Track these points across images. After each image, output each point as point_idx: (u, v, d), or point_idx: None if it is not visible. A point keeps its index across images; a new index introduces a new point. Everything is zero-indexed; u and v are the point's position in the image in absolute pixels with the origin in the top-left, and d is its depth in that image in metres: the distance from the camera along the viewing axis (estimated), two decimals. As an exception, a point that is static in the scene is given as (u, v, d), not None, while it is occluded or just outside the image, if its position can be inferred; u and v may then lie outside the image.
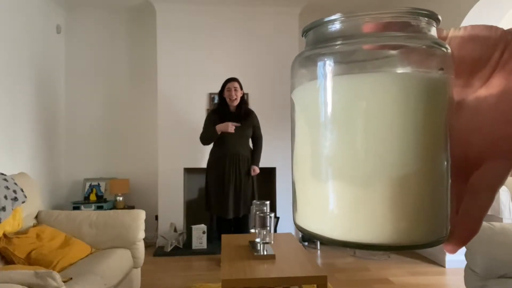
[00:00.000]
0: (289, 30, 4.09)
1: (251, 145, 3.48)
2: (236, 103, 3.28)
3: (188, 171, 4.16)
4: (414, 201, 0.20)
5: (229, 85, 3.28)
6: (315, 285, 1.84)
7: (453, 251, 0.24)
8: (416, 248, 0.21)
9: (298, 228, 0.24)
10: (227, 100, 3.28)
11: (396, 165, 0.20)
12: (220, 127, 3.20)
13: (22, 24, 3.40)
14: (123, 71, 4.37)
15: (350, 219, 0.21)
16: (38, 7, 3.69)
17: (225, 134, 3.23)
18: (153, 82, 4.21)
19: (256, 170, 3.38)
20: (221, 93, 3.34)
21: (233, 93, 3.25)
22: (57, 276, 1.48)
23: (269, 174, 4.13)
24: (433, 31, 0.22)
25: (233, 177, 3.29)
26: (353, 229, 0.21)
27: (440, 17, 0.22)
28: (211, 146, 3.44)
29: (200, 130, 3.44)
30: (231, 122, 3.18)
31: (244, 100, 3.37)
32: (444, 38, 0.25)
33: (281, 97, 3.99)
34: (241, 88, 3.32)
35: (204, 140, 3.33)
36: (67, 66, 4.28)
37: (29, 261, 2.07)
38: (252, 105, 3.96)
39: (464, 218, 0.24)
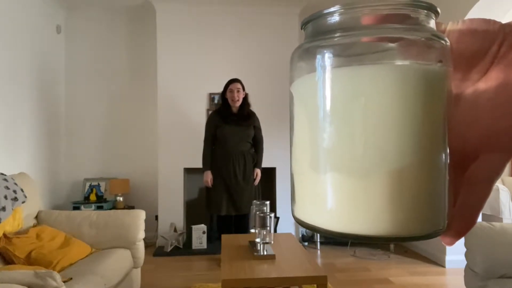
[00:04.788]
0: (289, 30, 4.09)
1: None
2: (238, 104, 3.28)
3: (188, 171, 4.16)
4: (412, 193, 0.20)
5: (231, 86, 3.27)
6: (315, 285, 1.83)
7: (451, 243, 0.24)
8: (413, 239, 0.21)
9: (297, 220, 0.24)
10: (229, 101, 3.28)
11: (395, 157, 0.20)
12: (205, 178, 3.34)
13: (22, 24, 3.40)
14: (123, 71, 4.37)
15: (348, 211, 0.21)
16: (38, 7, 3.69)
17: (227, 135, 3.27)
18: (153, 82, 4.21)
19: (258, 174, 3.41)
20: (223, 94, 3.33)
21: (236, 94, 3.24)
22: (57, 276, 1.48)
23: (269, 174, 4.13)
24: (432, 24, 0.22)
25: (236, 175, 3.30)
26: (351, 221, 0.21)
27: (439, 10, 0.22)
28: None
29: (201, 130, 3.44)
30: (210, 178, 3.32)
31: (246, 101, 3.36)
32: (443, 32, 0.25)
33: (281, 97, 3.99)
34: (244, 89, 3.32)
35: (203, 155, 3.39)
36: (67, 66, 4.29)
37: (29, 261, 2.07)
38: (252, 105, 3.96)
39: (461, 210, 0.24)
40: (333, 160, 0.21)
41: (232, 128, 3.27)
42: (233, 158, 3.30)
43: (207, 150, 3.35)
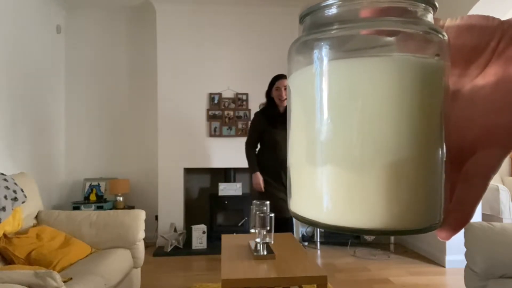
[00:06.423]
0: (289, 30, 4.09)
1: None
2: (285, 103, 2.86)
3: (188, 171, 4.16)
4: (408, 187, 0.20)
5: (278, 83, 2.87)
6: (315, 285, 1.83)
7: (447, 238, 0.24)
8: (409, 233, 0.21)
9: (293, 214, 0.24)
10: (276, 100, 2.88)
11: (391, 150, 0.20)
12: (255, 181, 2.99)
13: (22, 24, 3.40)
14: (123, 71, 4.37)
15: (344, 204, 0.21)
16: (38, 7, 3.70)
17: (278, 142, 2.95)
18: (153, 82, 4.21)
19: None
20: (268, 92, 2.97)
21: (283, 92, 2.86)
22: (57, 276, 1.48)
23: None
24: (430, 18, 0.22)
25: (284, 180, 3.00)
26: (347, 214, 0.21)
27: (437, 4, 0.22)
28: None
29: (201, 130, 3.43)
30: (262, 180, 2.97)
31: None
32: (441, 28, 0.25)
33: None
34: None
35: (246, 158, 3.08)
36: (67, 66, 4.29)
37: (29, 261, 2.07)
38: (252, 105, 3.97)
39: (458, 205, 0.24)
40: (330, 153, 0.21)
41: (281, 133, 2.94)
42: (283, 165, 3.05)
43: (252, 151, 3.06)
